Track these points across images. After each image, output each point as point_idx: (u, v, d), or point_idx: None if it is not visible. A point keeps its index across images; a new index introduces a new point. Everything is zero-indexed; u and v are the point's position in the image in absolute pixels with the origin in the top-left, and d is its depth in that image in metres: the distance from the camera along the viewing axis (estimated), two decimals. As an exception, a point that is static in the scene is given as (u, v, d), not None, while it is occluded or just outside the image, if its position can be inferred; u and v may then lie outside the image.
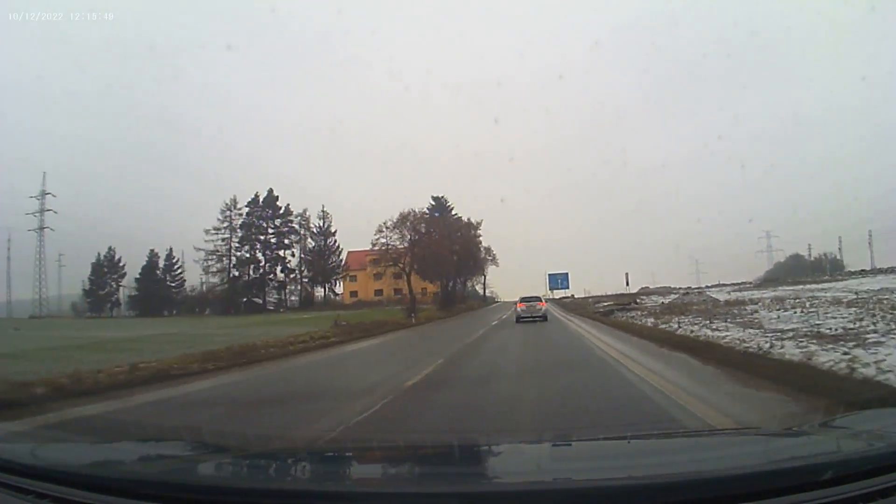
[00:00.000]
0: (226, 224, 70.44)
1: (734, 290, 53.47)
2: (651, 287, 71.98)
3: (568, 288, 67.11)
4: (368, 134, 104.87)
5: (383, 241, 39.80)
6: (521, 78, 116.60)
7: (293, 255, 73.13)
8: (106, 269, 71.80)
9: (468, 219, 55.34)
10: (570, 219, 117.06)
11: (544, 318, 25.94)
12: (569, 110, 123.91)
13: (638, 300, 45.81)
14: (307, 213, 72.57)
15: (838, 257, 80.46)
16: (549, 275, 67.17)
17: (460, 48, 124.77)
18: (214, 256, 69.52)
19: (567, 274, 67.60)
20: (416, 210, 43.63)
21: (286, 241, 72.76)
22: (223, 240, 70.20)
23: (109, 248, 71.62)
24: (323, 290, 73.21)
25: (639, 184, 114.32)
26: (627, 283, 53.93)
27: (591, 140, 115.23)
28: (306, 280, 74.06)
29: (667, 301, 39.26)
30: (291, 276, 73.72)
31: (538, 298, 27.93)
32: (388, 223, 39.68)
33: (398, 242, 40.24)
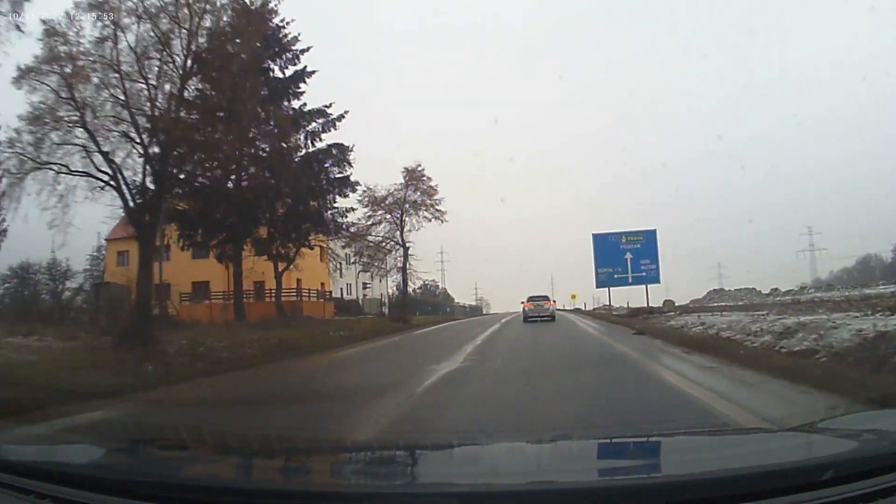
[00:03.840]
0: None
1: None
2: (728, 289, 40.59)
3: (657, 279, 28.81)
4: (366, 133, 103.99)
5: None
6: (521, 78, 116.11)
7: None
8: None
9: None
10: (571, 220, 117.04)
11: (552, 317, 26.27)
12: (569, 110, 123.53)
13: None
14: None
15: None
16: (595, 237, 29.48)
17: (461, 48, 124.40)
18: None
19: (654, 233, 29.37)
20: None
21: None
22: None
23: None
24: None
25: (641, 183, 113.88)
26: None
27: (592, 139, 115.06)
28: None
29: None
30: None
31: (545, 298, 29.12)
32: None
33: None
